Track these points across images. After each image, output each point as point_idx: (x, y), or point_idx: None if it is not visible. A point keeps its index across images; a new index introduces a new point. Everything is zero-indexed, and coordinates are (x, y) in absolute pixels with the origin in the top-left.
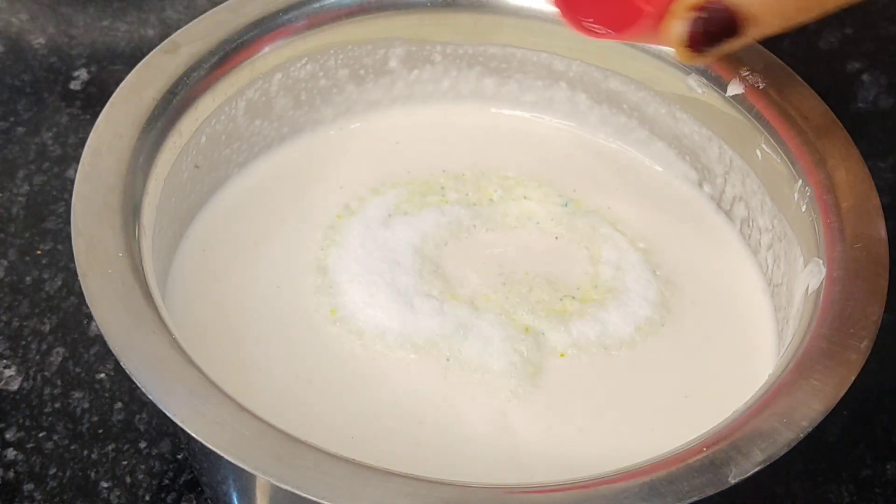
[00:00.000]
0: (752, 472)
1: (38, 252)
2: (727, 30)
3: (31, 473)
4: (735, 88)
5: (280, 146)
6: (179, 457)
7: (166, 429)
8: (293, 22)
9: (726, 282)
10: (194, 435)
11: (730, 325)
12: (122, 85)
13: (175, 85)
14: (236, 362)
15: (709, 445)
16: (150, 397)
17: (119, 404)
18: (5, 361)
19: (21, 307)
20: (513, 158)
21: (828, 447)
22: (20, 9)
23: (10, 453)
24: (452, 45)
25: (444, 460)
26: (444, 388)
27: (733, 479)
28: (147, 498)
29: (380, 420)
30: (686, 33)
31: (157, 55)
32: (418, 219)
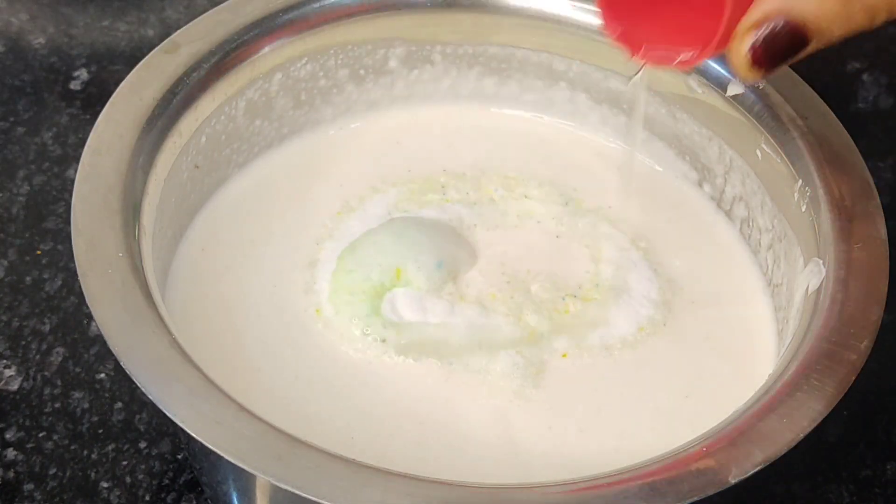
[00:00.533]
0: (752, 472)
1: (38, 252)
2: (792, 45)
3: (31, 473)
4: (735, 88)
5: (280, 146)
6: (179, 457)
7: (166, 429)
8: (293, 22)
9: (726, 282)
10: (194, 435)
11: (730, 324)
12: (122, 85)
13: (175, 85)
14: (236, 362)
15: (709, 445)
16: (150, 397)
17: (119, 404)
18: (5, 361)
19: (21, 307)
20: (513, 158)
21: (828, 447)
22: (20, 9)
23: (10, 453)
24: (452, 45)
25: (444, 461)
26: (445, 389)
27: (733, 479)
28: (147, 498)
29: (380, 421)
30: (750, 54)
31: (157, 55)
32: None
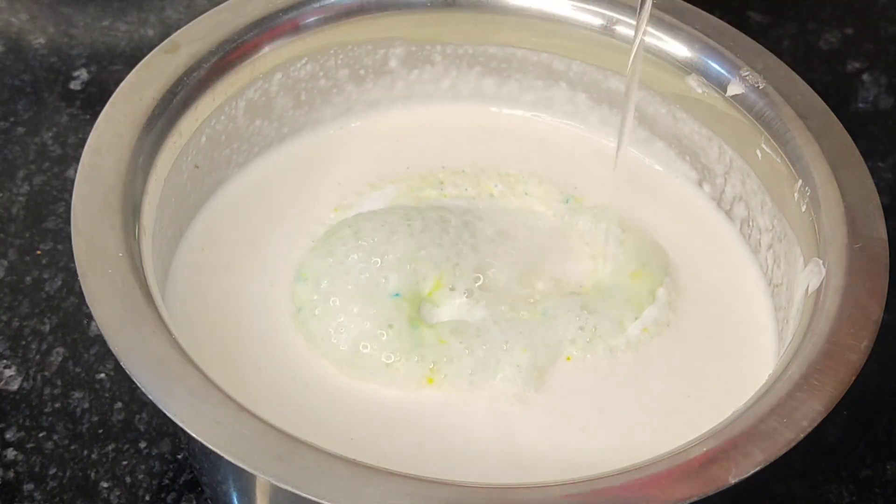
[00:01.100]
0: (752, 472)
1: (38, 252)
2: None
3: (31, 473)
4: (735, 88)
5: (280, 146)
6: (179, 457)
7: (166, 429)
8: (293, 22)
9: (726, 282)
10: (194, 435)
11: (730, 325)
12: (122, 85)
13: (175, 85)
14: (236, 362)
15: (709, 445)
16: (150, 397)
17: (119, 404)
18: (5, 361)
19: (21, 307)
20: (513, 156)
21: (828, 447)
22: (20, 9)
23: (10, 453)
24: (452, 45)
25: (444, 461)
26: (445, 389)
27: (733, 479)
28: (147, 498)
29: (380, 421)
30: None
31: (157, 55)
32: None
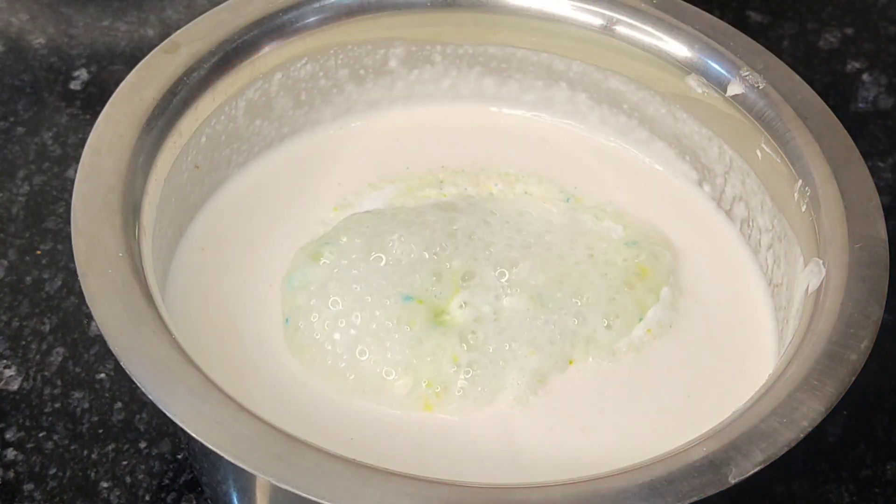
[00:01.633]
0: (752, 472)
1: (38, 252)
2: None
3: (31, 473)
4: (735, 88)
5: (280, 146)
6: (179, 457)
7: (166, 429)
8: (293, 22)
9: (726, 282)
10: (194, 435)
11: (730, 325)
12: (122, 85)
13: (175, 85)
14: (236, 362)
15: (709, 445)
16: (150, 397)
17: (119, 404)
18: (5, 361)
19: (21, 307)
20: (513, 156)
21: (828, 447)
22: (20, 9)
23: (10, 453)
24: (452, 45)
25: (444, 461)
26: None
27: (733, 479)
28: (147, 498)
29: (380, 421)
30: None
31: (157, 55)
32: None
